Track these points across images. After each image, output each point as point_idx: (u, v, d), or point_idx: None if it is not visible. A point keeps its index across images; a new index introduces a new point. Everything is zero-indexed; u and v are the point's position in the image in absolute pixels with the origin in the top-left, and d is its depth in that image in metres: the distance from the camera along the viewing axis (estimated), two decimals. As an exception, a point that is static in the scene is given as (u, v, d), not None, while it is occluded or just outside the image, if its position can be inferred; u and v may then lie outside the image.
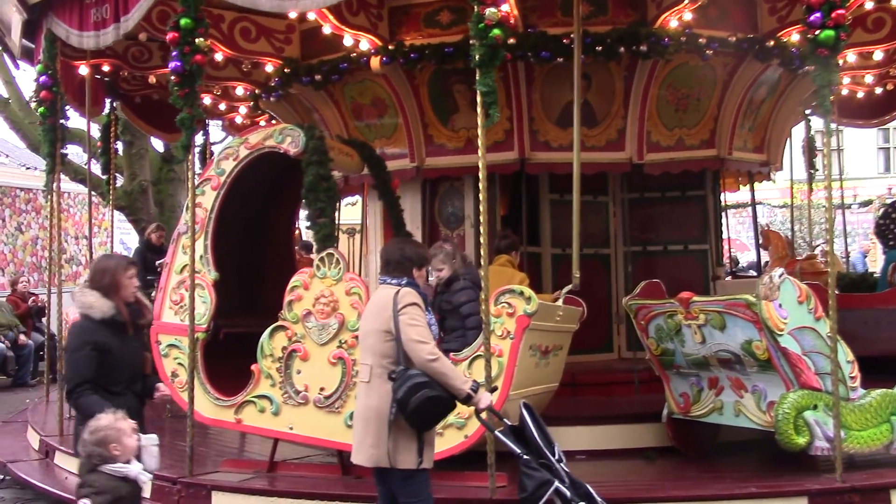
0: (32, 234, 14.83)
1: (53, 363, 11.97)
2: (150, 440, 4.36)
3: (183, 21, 6.07)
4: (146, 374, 5.03)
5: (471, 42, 5.60)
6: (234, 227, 7.31)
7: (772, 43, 8.16)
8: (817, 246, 14.74)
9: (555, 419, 6.10)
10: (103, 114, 11.17)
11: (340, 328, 6.05)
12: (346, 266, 6.24)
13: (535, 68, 8.03)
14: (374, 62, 8.07)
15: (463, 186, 9.24)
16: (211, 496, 5.99)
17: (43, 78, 7.60)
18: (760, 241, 13.39)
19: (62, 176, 12.00)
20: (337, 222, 11.25)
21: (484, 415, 4.65)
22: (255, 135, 6.88)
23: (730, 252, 11.73)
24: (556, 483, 4.36)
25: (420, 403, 4.32)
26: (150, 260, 11.55)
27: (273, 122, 12.16)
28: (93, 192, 10.42)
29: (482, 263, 5.71)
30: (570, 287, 6.40)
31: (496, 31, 5.46)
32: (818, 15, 5.44)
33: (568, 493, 4.36)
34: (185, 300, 6.67)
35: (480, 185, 5.73)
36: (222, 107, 11.58)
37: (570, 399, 7.82)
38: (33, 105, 8.04)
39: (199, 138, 14.17)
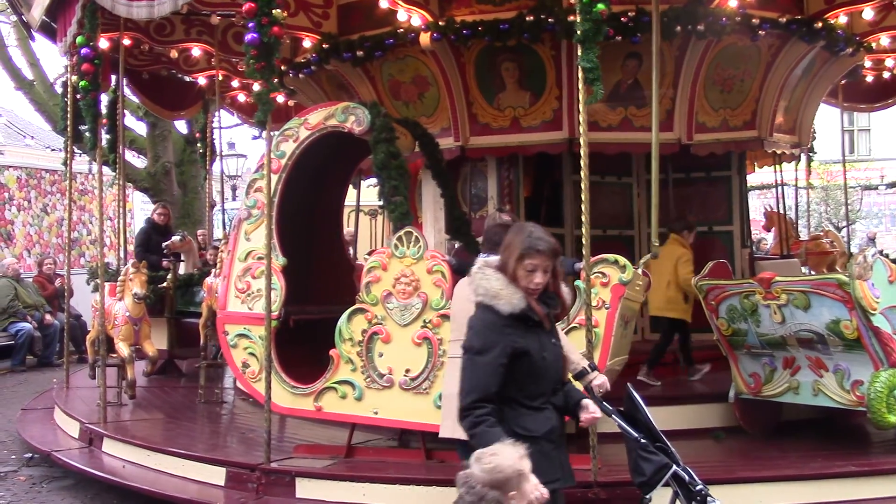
0: (58, 215, 14.47)
1: (78, 343, 11.70)
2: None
3: (259, -9, 5.81)
4: (563, 381, 3.81)
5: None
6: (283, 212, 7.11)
7: (819, 24, 8.19)
8: (842, 228, 14.95)
9: (617, 400, 6.08)
10: (110, 89, 10.79)
11: (424, 308, 5.90)
12: (426, 244, 6.09)
13: (587, 46, 7.91)
14: (424, 38, 7.89)
15: (486, 167, 9.15)
16: (295, 483, 5.82)
17: (85, 50, 7.24)
18: (763, 223, 13.60)
19: (86, 158, 11.65)
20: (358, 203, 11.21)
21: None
22: (315, 115, 6.68)
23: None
24: (675, 467, 4.30)
25: None
26: (154, 242, 11.25)
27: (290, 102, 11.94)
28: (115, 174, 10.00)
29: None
30: (649, 256, 6.30)
31: (601, 6, 5.35)
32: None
33: (686, 477, 4.30)
34: (251, 288, 6.51)
35: (582, 163, 5.65)
36: (234, 83, 11.30)
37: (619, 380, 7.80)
38: (74, 78, 7.66)
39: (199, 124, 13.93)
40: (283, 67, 9.74)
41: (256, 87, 11.68)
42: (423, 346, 5.88)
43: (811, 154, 13.94)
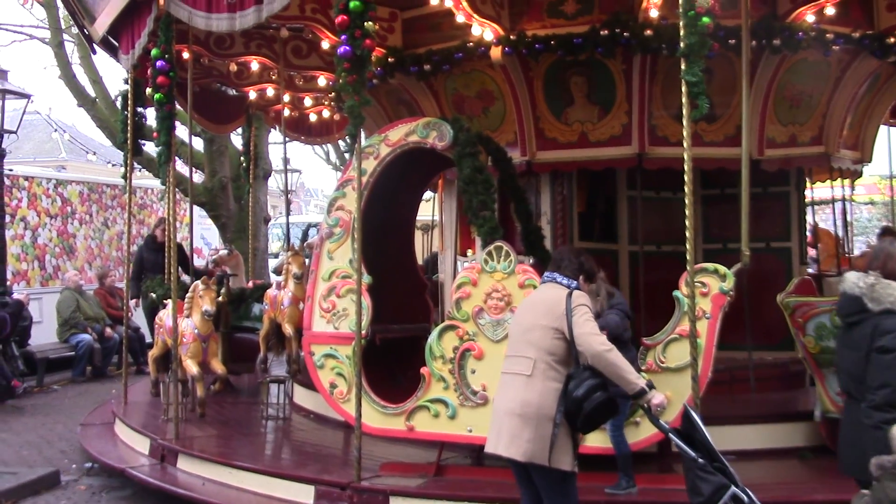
0: (118, 229, 14.55)
1: (136, 356, 11.64)
2: None
3: (352, 4, 5.73)
4: None
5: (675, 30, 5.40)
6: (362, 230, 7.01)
7: (892, 40, 8.13)
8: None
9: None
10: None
11: (517, 323, 5.80)
12: (517, 258, 6.01)
13: (658, 61, 7.85)
14: (496, 52, 7.84)
15: (539, 182, 9.07)
16: (389, 501, 5.72)
17: (160, 63, 7.21)
18: (809, 239, 13.46)
19: (146, 172, 11.57)
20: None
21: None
22: (395, 131, 6.63)
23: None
24: (733, 487, 4.24)
25: (596, 405, 4.33)
26: (148, 260, 11.06)
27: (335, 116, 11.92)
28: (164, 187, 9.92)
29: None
30: (739, 266, 6.18)
31: (706, 20, 5.28)
32: None
33: (745, 498, 4.24)
34: (336, 307, 6.47)
35: (686, 178, 5.56)
36: (285, 97, 11.26)
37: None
38: (149, 91, 7.60)
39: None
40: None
41: (308, 101, 11.84)
42: (518, 362, 5.77)
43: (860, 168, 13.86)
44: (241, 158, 12.65)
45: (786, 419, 7.00)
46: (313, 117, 12.41)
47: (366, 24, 5.79)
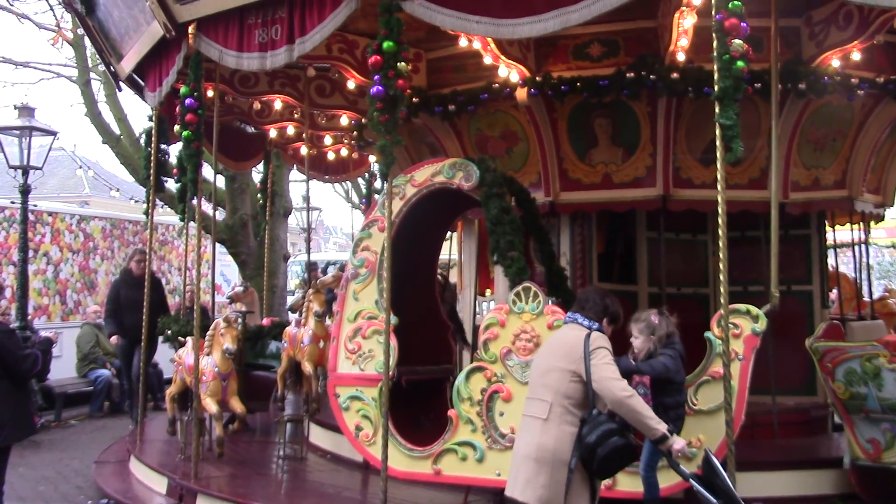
0: None
1: (154, 391, 11.57)
2: None
3: (386, 44, 5.79)
4: None
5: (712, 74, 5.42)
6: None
7: (918, 84, 8.14)
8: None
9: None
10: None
11: (547, 365, 5.74)
12: (546, 299, 5.97)
13: (683, 104, 7.87)
14: (521, 93, 7.87)
15: (559, 223, 9.04)
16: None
17: (189, 100, 7.23)
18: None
19: (168, 209, 11.53)
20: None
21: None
22: (421, 172, 6.67)
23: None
24: None
25: (610, 451, 4.29)
26: (123, 296, 10.94)
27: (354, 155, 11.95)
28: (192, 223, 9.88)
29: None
30: (768, 307, 6.11)
31: (741, 64, 5.30)
32: None
33: None
34: (362, 349, 6.42)
35: (720, 220, 5.52)
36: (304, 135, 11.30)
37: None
38: (177, 128, 7.63)
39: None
40: (363, 120, 9.79)
41: (328, 139, 11.89)
42: (547, 404, 5.70)
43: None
44: (259, 195, 12.69)
45: (813, 466, 6.90)
46: (331, 156, 12.46)
47: (399, 64, 5.84)
